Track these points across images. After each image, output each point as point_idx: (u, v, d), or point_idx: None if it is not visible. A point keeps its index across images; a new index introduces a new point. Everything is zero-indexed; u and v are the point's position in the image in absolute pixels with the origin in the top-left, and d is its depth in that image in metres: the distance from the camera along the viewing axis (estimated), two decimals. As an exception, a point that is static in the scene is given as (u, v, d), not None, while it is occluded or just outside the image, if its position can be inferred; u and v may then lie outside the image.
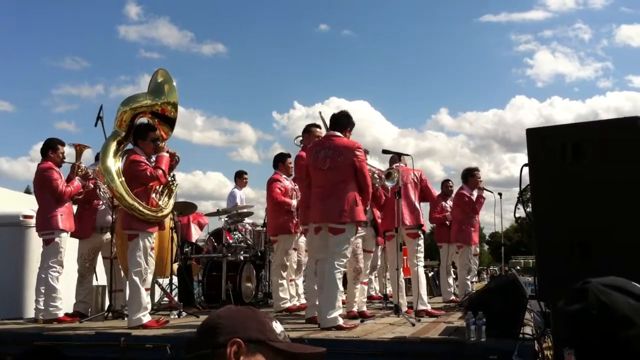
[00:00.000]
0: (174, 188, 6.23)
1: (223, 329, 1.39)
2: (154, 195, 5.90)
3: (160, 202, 5.95)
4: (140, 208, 5.65)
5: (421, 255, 6.76)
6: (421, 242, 6.81)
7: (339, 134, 5.69)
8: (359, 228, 5.97)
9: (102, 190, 6.83)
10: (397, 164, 6.53)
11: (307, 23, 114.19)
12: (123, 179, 5.71)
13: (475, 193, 8.64)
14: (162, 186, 6.03)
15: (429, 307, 6.60)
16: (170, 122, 6.17)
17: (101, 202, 6.89)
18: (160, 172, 5.78)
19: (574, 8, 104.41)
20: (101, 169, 5.90)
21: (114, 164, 5.77)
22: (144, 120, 6.18)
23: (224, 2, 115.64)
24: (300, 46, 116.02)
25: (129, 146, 6.05)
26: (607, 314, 1.31)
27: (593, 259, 3.67)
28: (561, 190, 3.90)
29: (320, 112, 6.74)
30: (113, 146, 5.86)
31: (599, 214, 3.76)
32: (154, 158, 5.97)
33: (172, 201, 6.21)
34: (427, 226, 9.51)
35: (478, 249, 9.63)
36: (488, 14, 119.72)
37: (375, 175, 6.50)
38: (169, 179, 6.13)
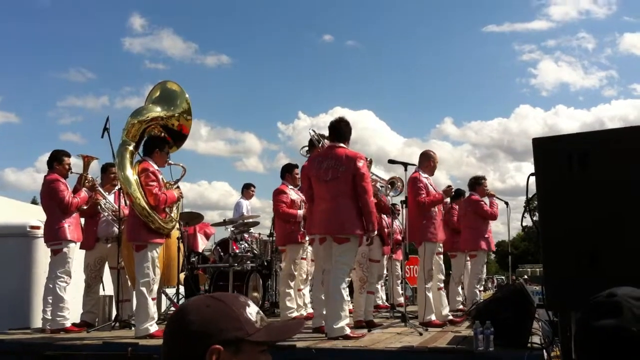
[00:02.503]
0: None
1: (197, 336, 1.27)
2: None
3: (172, 214, 5.99)
4: (155, 217, 5.68)
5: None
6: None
7: (342, 144, 5.63)
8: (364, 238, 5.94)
9: (103, 203, 6.85)
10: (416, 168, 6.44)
11: (311, 33, 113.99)
12: (141, 189, 5.74)
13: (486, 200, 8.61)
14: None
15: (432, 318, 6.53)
16: (180, 139, 6.22)
17: (102, 215, 6.91)
18: (163, 197, 5.78)
19: (577, 18, 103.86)
20: (121, 178, 5.91)
21: (132, 174, 5.80)
22: (152, 132, 6.20)
23: (228, 13, 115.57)
24: (305, 56, 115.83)
25: (137, 157, 6.06)
26: None
27: (600, 268, 3.67)
28: (568, 199, 3.90)
29: (310, 130, 6.72)
30: (128, 156, 5.89)
31: (606, 223, 3.76)
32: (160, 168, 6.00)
33: (177, 213, 6.24)
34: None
35: (486, 258, 9.53)
36: (491, 24, 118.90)
37: (378, 185, 6.49)
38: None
